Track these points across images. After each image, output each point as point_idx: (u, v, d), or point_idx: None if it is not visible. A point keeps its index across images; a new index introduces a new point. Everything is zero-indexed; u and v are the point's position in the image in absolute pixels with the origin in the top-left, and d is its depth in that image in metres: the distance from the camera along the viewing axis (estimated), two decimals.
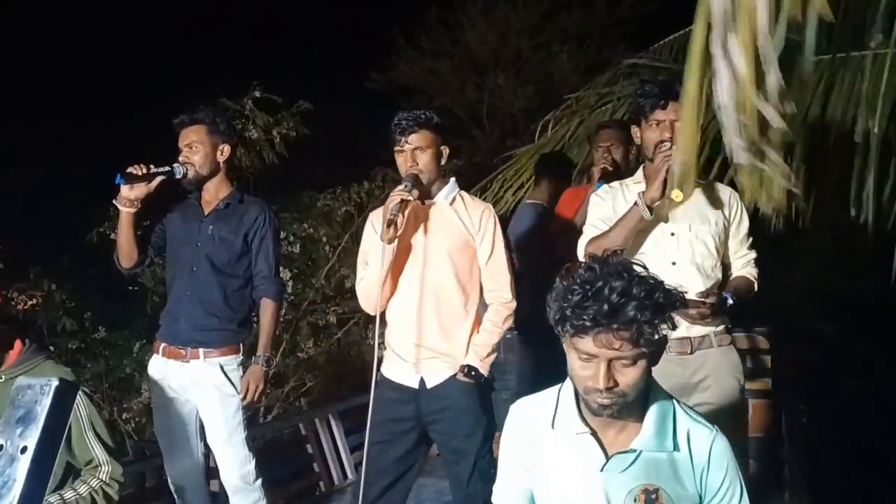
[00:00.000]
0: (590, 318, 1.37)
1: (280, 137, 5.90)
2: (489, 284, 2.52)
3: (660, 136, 2.22)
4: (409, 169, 2.43)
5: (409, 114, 2.44)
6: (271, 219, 2.81)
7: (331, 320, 6.21)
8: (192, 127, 2.74)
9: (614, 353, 1.39)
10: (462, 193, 2.56)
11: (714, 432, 1.54)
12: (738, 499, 1.54)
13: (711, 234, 2.27)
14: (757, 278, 2.34)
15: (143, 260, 2.80)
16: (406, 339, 2.49)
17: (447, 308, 2.48)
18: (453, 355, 2.47)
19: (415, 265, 2.48)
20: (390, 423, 2.49)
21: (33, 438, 0.86)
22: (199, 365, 2.70)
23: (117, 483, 2.14)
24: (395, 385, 2.51)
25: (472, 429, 2.47)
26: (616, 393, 1.42)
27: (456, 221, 2.49)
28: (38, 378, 0.91)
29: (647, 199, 2.18)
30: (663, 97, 2.21)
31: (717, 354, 2.25)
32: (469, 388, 2.46)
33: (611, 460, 1.51)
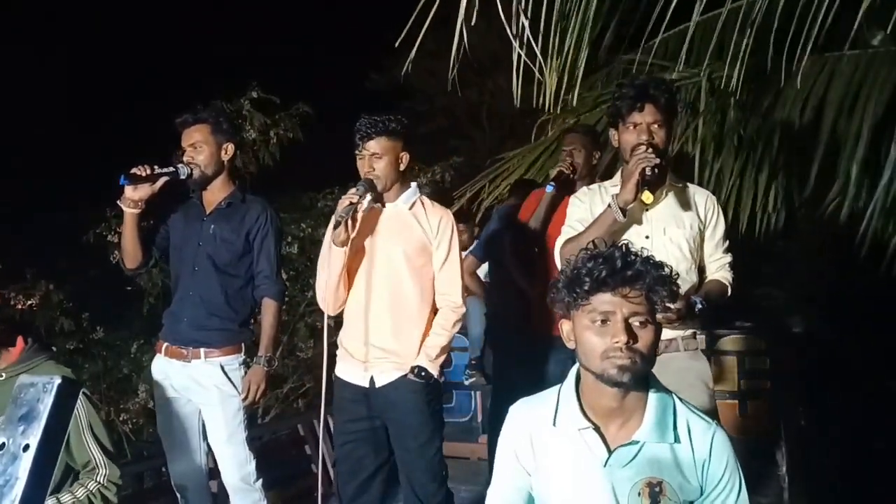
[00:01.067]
0: (607, 270, 1.48)
1: (277, 139, 5.88)
2: (441, 287, 2.57)
3: (636, 138, 2.23)
4: (367, 174, 2.49)
5: (370, 120, 2.49)
6: (273, 218, 2.80)
7: (330, 324, 6.20)
8: (196, 126, 2.74)
9: (631, 307, 1.47)
10: (423, 199, 2.62)
11: (714, 425, 1.57)
12: (737, 491, 1.56)
13: (686, 237, 2.27)
14: (732, 282, 2.33)
15: (148, 261, 2.80)
16: (358, 338, 2.54)
17: (401, 309, 2.53)
18: (404, 356, 2.51)
19: (371, 267, 2.54)
20: (350, 423, 2.55)
21: (35, 437, 0.86)
22: (200, 365, 2.70)
23: (115, 486, 2.14)
24: (347, 384, 2.56)
25: (420, 429, 2.51)
26: (635, 351, 1.47)
27: (414, 225, 2.54)
28: (41, 376, 0.91)
29: (620, 202, 2.18)
30: (639, 100, 2.22)
31: (683, 359, 2.23)
32: (418, 388, 2.49)
33: (613, 454, 1.53)
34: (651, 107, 2.21)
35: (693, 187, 2.39)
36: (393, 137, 2.51)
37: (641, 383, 1.54)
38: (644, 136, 2.21)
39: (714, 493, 1.54)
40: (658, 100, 2.21)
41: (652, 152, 2.16)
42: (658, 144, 2.21)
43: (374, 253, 2.53)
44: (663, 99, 2.22)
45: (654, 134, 2.22)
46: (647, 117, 2.22)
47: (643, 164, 2.14)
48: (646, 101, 2.21)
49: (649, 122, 2.22)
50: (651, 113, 2.21)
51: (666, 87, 2.27)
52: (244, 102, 5.77)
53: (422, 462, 2.52)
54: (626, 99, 2.25)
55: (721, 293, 2.31)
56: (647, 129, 2.22)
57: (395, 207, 2.57)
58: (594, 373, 1.51)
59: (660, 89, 2.23)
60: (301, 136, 5.99)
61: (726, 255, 2.36)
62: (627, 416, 1.54)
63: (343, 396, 2.56)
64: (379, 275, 2.53)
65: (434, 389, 2.56)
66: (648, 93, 2.21)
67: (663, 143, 2.24)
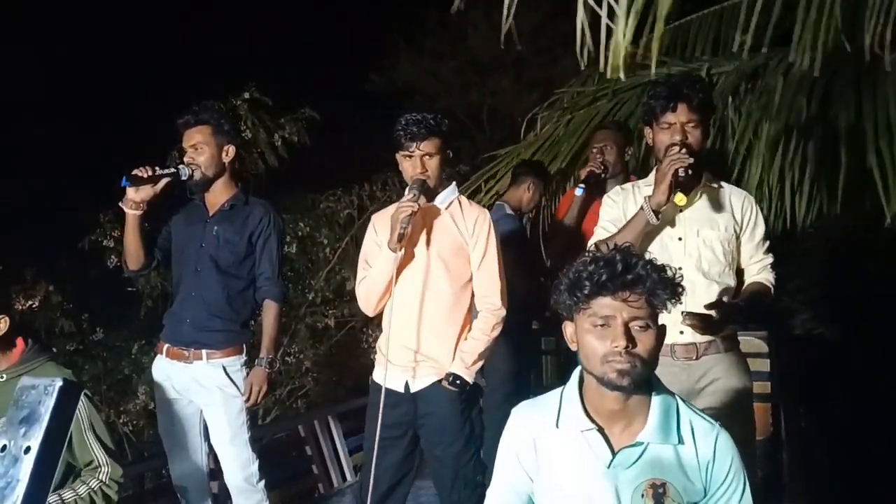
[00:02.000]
0: (608, 274, 1.48)
1: (282, 141, 5.87)
2: (479, 290, 2.50)
3: (670, 139, 2.18)
4: (418, 175, 2.42)
5: (420, 118, 2.41)
6: (275, 220, 2.80)
7: (329, 323, 6.19)
8: (198, 128, 2.73)
9: (631, 311, 1.47)
10: (460, 198, 2.56)
11: (717, 427, 1.57)
12: (741, 492, 1.56)
13: (720, 239, 2.22)
14: (774, 283, 2.29)
15: (150, 262, 2.80)
16: (395, 342, 2.47)
17: (436, 312, 2.46)
18: (440, 361, 2.45)
19: (410, 268, 2.47)
20: (384, 428, 2.46)
21: (37, 439, 0.86)
22: (201, 366, 2.69)
23: (116, 484, 2.14)
24: (380, 388, 2.48)
25: (454, 437, 2.44)
26: (634, 355, 1.47)
27: (451, 226, 2.48)
28: (42, 378, 0.91)
29: (653, 204, 2.15)
30: (672, 99, 2.18)
31: (723, 359, 2.21)
32: (453, 396, 2.43)
33: (617, 455, 1.53)
34: (684, 106, 2.16)
35: (729, 188, 2.33)
36: (443, 136, 2.45)
37: (644, 386, 1.54)
38: (678, 137, 2.17)
39: (718, 494, 1.54)
40: (692, 99, 2.17)
41: (686, 153, 2.12)
42: (692, 144, 2.17)
43: (409, 254, 2.46)
44: (697, 98, 2.18)
45: (689, 134, 2.17)
46: (681, 117, 2.17)
47: (676, 164, 2.11)
48: (679, 100, 2.17)
49: (683, 122, 2.18)
50: (685, 113, 2.17)
51: (701, 86, 2.23)
52: (239, 103, 5.74)
53: (453, 470, 2.46)
54: (659, 98, 2.21)
55: (763, 295, 2.27)
56: (682, 128, 2.17)
57: (432, 207, 2.49)
58: (595, 376, 1.51)
59: (694, 88, 2.19)
60: (308, 140, 5.97)
61: (767, 257, 2.30)
62: (631, 417, 1.54)
63: (377, 401, 2.45)
64: (414, 276, 2.46)
65: (470, 395, 2.49)
66: (682, 92, 2.17)
67: (698, 143, 2.19)
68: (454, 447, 2.44)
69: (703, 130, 2.23)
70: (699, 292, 2.15)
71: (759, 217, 2.30)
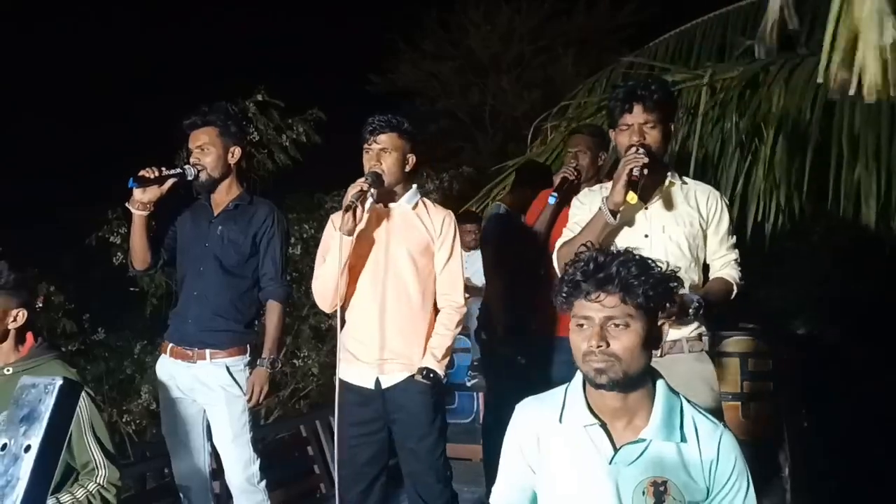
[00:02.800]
0: (580, 273, 1.51)
1: (291, 142, 5.86)
2: (443, 288, 2.58)
3: (628, 140, 2.23)
4: (372, 167, 2.50)
5: (382, 116, 2.52)
6: (280, 220, 2.81)
7: (332, 324, 6.18)
8: (204, 129, 2.74)
9: (606, 311, 1.49)
10: (424, 200, 2.64)
11: (721, 427, 1.58)
12: (744, 492, 1.56)
13: (686, 235, 2.26)
14: (739, 279, 2.31)
15: (156, 262, 2.81)
16: (364, 339, 2.52)
17: (406, 310, 2.52)
18: (410, 357, 2.51)
19: (376, 266, 2.53)
20: (353, 427, 2.51)
21: (37, 437, 0.86)
22: (205, 366, 2.70)
23: (114, 487, 2.12)
24: (353, 387, 2.53)
25: (426, 430, 2.50)
26: (608, 354, 1.48)
27: (418, 225, 2.56)
28: (42, 377, 0.92)
29: (610, 204, 2.18)
30: (627, 101, 2.23)
31: (687, 360, 2.22)
32: (424, 390, 2.49)
33: (619, 452, 1.54)
34: (640, 107, 2.21)
35: (695, 184, 2.37)
36: (402, 136, 2.53)
37: (645, 383, 1.55)
38: (636, 137, 2.21)
39: (721, 494, 1.54)
40: (646, 100, 2.21)
41: (643, 153, 2.16)
42: (650, 144, 2.21)
43: (378, 253, 2.53)
44: (653, 98, 2.21)
45: (647, 134, 2.22)
46: (638, 118, 2.22)
47: (630, 164, 2.15)
48: (634, 101, 2.22)
49: (640, 123, 2.22)
50: (641, 113, 2.22)
51: (657, 87, 2.26)
52: (249, 105, 5.75)
53: (427, 463, 2.51)
54: (615, 101, 2.27)
55: (723, 291, 2.29)
56: (639, 129, 2.22)
57: (400, 208, 2.58)
58: (582, 373, 1.56)
59: (648, 89, 2.23)
60: (318, 139, 5.96)
61: (732, 252, 2.33)
62: (633, 414, 1.55)
63: (349, 401, 2.52)
64: (384, 275, 2.52)
65: (440, 390, 2.56)
66: (636, 93, 2.22)
67: (657, 143, 2.23)
68: (427, 441, 2.50)
69: (662, 130, 2.26)
70: None
71: (724, 212, 2.33)
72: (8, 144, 9.85)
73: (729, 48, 4.58)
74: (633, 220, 2.28)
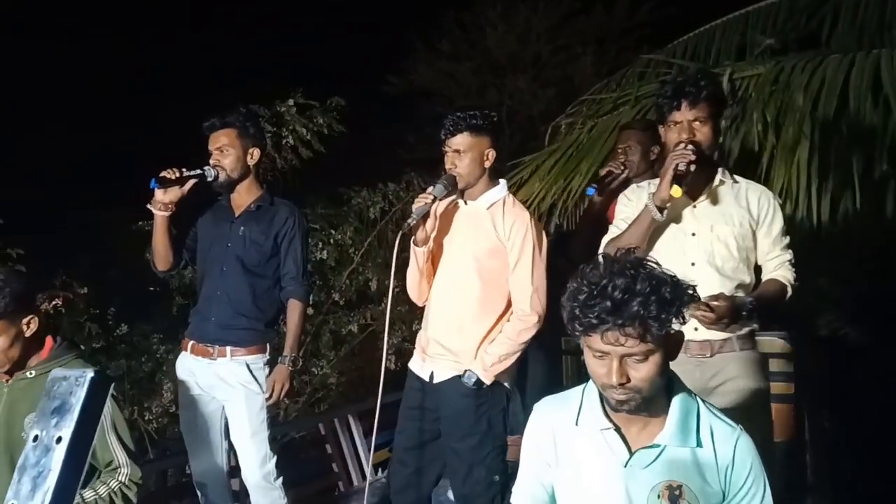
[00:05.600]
0: (595, 316, 1.40)
1: (313, 134, 5.81)
2: (513, 294, 2.52)
3: (677, 136, 2.21)
4: (448, 170, 2.49)
5: (456, 115, 2.51)
6: (300, 221, 2.85)
7: (353, 329, 6.17)
8: (223, 130, 2.78)
9: (623, 349, 1.42)
10: (507, 198, 2.56)
11: (738, 430, 1.56)
12: (760, 497, 1.54)
13: (734, 234, 2.22)
14: (794, 281, 2.27)
15: (178, 262, 2.86)
16: (426, 332, 2.62)
17: (465, 309, 2.52)
18: (462, 356, 2.51)
19: (442, 264, 2.57)
20: (411, 410, 2.63)
21: (68, 429, 0.87)
22: (225, 363, 2.73)
23: (136, 485, 2.14)
24: (413, 375, 2.66)
25: (467, 431, 2.50)
26: (630, 388, 1.44)
27: (488, 226, 2.50)
28: (73, 370, 0.93)
29: (657, 200, 2.17)
30: (676, 98, 2.21)
31: (738, 358, 2.20)
32: (467, 392, 2.48)
33: (634, 456, 1.53)
34: (689, 104, 2.18)
35: (746, 183, 2.33)
36: (477, 133, 2.48)
37: (662, 388, 1.53)
38: (685, 135, 2.19)
39: (737, 499, 1.53)
40: (696, 96, 2.18)
41: (691, 149, 2.13)
42: (701, 141, 2.18)
43: (445, 251, 2.56)
44: (701, 95, 2.18)
45: (697, 131, 2.19)
46: (687, 115, 2.19)
47: (677, 160, 2.13)
48: (683, 98, 2.19)
49: (689, 120, 2.19)
50: (690, 110, 2.19)
51: (707, 83, 2.23)
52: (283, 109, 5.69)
53: (469, 464, 2.50)
54: (664, 97, 2.24)
55: (777, 292, 2.25)
56: (688, 126, 2.19)
57: (475, 206, 2.54)
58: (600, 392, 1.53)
59: (697, 86, 2.19)
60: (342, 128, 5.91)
61: (785, 253, 2.29)
62: (649, 418, 1.54)
63: (410, 386, 2.65)
64: (448, 273, 2.55)
65: (486, 397, 2.51)
66: (685, 90, 2.19)
67: (707, 140, 2.20)
68: (469, 441, 2.50)
69: (713, 126, 2.23)
70: (712, 288, 2.14)
71: (776, 212, 2.29)
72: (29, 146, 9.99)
73: (749, 48, 4.55)
74: (681, 218, 2.25)
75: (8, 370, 2.15)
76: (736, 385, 2.19)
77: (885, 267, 4.58)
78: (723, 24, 4.89)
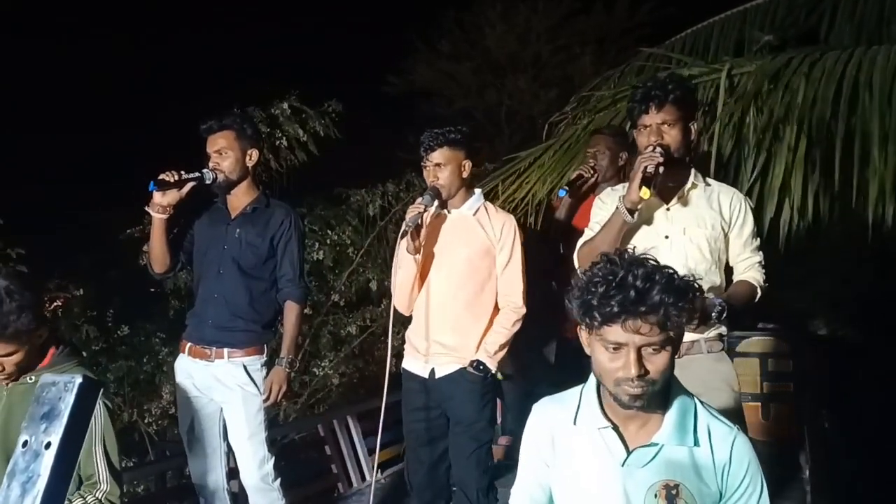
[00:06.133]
0: (618, 304, 1.41)
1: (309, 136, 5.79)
2: (503, 289, 2.74)
3: (646, 140, 2.22)
4: (431, 183, 2.68)
5: (436, 132, 2.68)
6: (296, 223, 2.85)
7: (351, 331, 6.16)
8: (221, 133, 2.78)
9: (643, 338, 1.42)
10: (486, 204, 2.79)
11: (735, 430, 1.56)
12: (757, 497, 1.55)
13: (707, 237, 2.24)
14: (763, 282, 2.29)
15: (175, 265, 2.85)
16: (422, 334, 2.74)
17: (463, 309, 2.70)
18: (463, 352, 2.69)
19: (436, 269, 2.72)
20: (413, 412, 2.77)
21: (57, 434, 0.87)
22: (223, 365, 2.74)
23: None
24: (410, 375, 2.78)
25: (475, 417, 2.68)
26: (647, 381, 1.45)
27: (478, 230, 2.71)
28: (62, 375, 0.93)
29: (627, 202, 2.17)
30: (644, 102, 2.22)
31: (706, 361, 2.20)
32: (475, 380, 2.68)
33: (632, 455, 1.53)
34: (657, 107, 2.20)
35: (718, 186, 2.35)
36: (455, 147, 2.67)
37: (660, 389, 1.53)
38: (653, 137, 2.21)
39: (734, 499, 1.53)
40: (663, 99, 2.20)
41: (659, 152, 2.15)
42: (669, 144, 2.20)
43: (439, 256, 2.72)
44: (670, 98, 2.20)
45: (665, 134, 2.21)
46: (655, 118, 2.21)
47: (645, 162, 2.14)
48: (650, 101, 2.21)
49: (658, 123, 2.21)
50: (657, 113, 2.20)
51: (675, 86, 2.24)
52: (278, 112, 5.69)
53: (477, 443, 2.67)
54: (633, 101, 2.26)
55: (747, 294, 2.27)
56: (657, 129, 2.21)
57: (461, 213, 2.74)
58: (608, 391, 1.52)
59: (665, 89, 2.21)
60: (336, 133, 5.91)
61: (756, 255, 2.31)
62: (647, 417, 1.54)
63: (408, 387, 2.78)
64: (443, 277, 2.71)
65: (490, 386, 2.73)
66: (651, 94, 2.21)
67: (677, 143, 2.22)
68: (477, 424, 2.69)
69: (682, 129, 2.23)
70: None
71: (747, 214, 2.31)
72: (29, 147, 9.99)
73: (747, 44, 4.54)
74: (653, 221, 2.27)
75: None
76: (706, 387, 2.17)
77: (885, 267, 4.58)
78: (721, 21, 4.88)
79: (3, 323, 1.95)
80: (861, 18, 4.30)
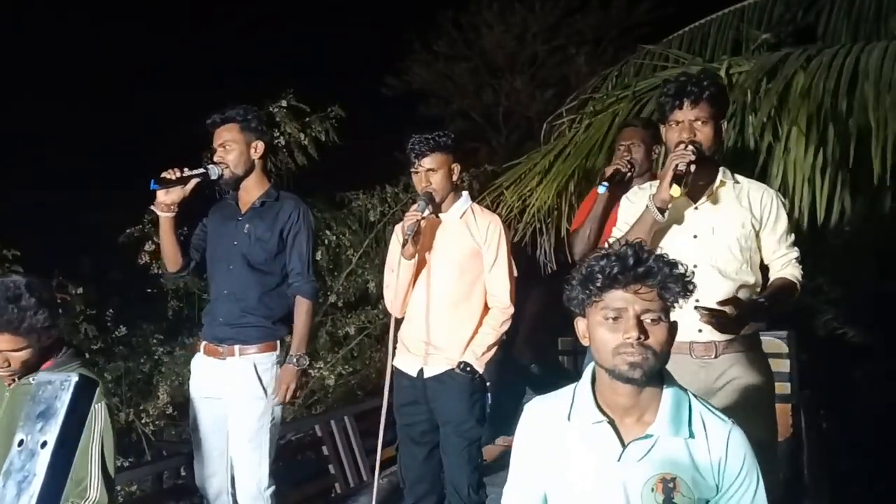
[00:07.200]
0: (618, 265, 1.49)
1: (311, 140, 5.79)
2: (491, 289, 2.78)
3: (678, 136, 2.18)
4: (424, 188, 2.71)
5: (424, 137, 2.72)
6: (305, 215, 2.79)
7: (349, 332, 6.16)
8: (225, 126, 2.75)
9: (643, 304, 1.48)
10: (473, 206, 2.83)
11: (730, 423, 1.56)
12: (753, 490, 1.54)
13: (737, 236, 2.19)
14: (800, 278, 2.24)
15: (188, 263, 2.83)
16: (414, 335, 2.79)
17: (452, 310, 2.75)
18: (451, 352, 2.73)
19: (425, 271, 2.77)
20: (404, 406, 2.82)
21: (53, 434, 0.86)
22: (234, 362, 2.70)
23: None
24: (402, 373, 2.84)
25: (464, 416, 2.72)
26: (646, 347, 1.47)
27: (465, 233, 2.76)
28: (58, 374, 0.92)
29: (657, 201, 2.14)
30: (678, 97, 2.18)
31: (742, 358, 2.18)
32: (463, 381, 2.72)
33: (627, 448, 1.53)
34: (692, 103, 2.16)
35: (749, 183, 2.30)
36: (444, 151, 2.73)
37: (656, 379, 1.54)
38: (685, 134, 2.16)
39: (731, 492, 1.53)
40: (698, 96, 2.15)
41: (691, 150, 2.12)
42: (701, 141, 2.16)
43: (428, 259, 2.77)
44: (704, 95, 2.16)
45: (698, 131, 2.16)
46: (689, 114, 2.17)
47: (676, 160, 2.11)
48: (685, 97, 2.16)
49: (691, 120, 2.17)
50: (692, 110, 2.16)
51: (710, 83, 2.20)
52: (276, 110, 5.68)
53: (468, 440, 2.71)
54: (666, 96, 2.21)
55: (788, 291, 2.22)
56: (690, 126, 2.17)
57: (449, 216, 2.79)
58: (606, 369, 1.52)
59: (700, 85, 2.16)
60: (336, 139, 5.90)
61: (791, 251, 2.26)
62: (642, 411, 1.54)
63: (400, 384, 2.84)
64: (432, 279, 2.75)
65: (478, 386, 2.76)
66: (686, 89, 2.16)
67: (708, 140, 2.18)
68: (466, 423, 2.73)
69: (714, 127, 2.19)
70: (715, 290, 2.12)
71: (780, 211, 2.25)
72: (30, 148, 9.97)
73: (745, 42, 4.54)
74: (682, 220, 2.22)
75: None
76: (740, 384, 2.16)
77: (885, 267, 4.58)
78: (718, 19, 4.87)
79: (20, 317, 1.98)
80: (858, 15, 4.29)
